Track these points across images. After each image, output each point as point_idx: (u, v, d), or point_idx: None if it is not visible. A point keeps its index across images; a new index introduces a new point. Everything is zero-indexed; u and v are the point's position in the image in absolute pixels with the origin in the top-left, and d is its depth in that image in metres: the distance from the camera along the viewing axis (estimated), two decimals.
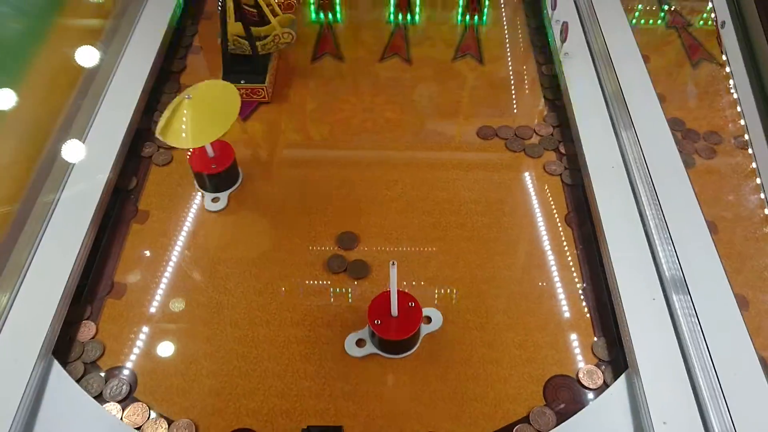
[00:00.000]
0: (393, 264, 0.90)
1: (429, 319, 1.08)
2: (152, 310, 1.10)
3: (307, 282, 1.14)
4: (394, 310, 1.00)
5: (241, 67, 1.40)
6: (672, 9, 1.70)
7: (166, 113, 1.13)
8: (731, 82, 0.87)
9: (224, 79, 1.40)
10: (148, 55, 1.48)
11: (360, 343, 1.05)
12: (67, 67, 1.36)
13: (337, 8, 1.73)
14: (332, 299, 1.12)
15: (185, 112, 1.11)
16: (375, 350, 1.04)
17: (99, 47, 1.45)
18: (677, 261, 1.11)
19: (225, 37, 1.35)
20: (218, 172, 1.23)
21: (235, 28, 1.37)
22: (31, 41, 1.29)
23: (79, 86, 1.38)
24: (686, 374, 0.98)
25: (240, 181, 1.28)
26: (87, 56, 1.37)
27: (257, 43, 1.39)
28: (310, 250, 1.19)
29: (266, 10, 1.35)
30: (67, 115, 1.32)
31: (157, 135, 1.12)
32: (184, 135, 1.11)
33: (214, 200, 1.25)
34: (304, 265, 1.16)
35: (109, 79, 1.41)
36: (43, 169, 1.23)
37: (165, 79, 1.50)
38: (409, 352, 1.04)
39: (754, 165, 0.83)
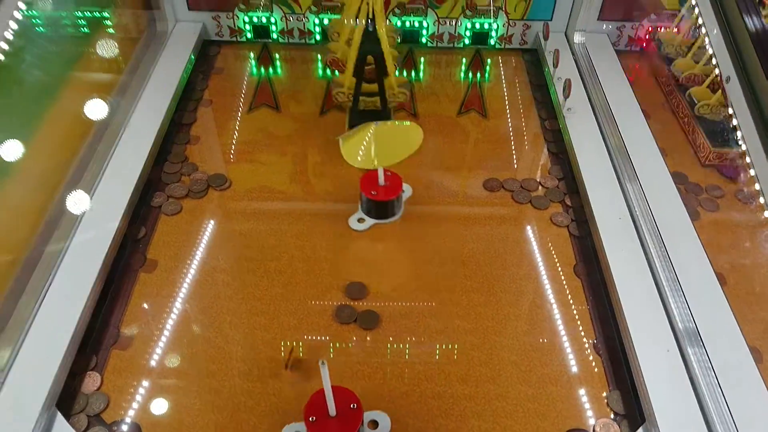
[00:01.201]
0: (323, 363, 0.84)
1: (376, 424, 0.99)
2: (158, 361, 1.08)
3: (315, 333, 1.13)
4: (332, 410, 0.92)
5: (366, 120, 1.42)
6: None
7: (351, 134, 1.24)
8: (738, 133, 0.89)
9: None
10: (160, 107, 1.51)
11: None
12: (82, 118, 1.38)
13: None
14: (343, 351, 1.10)
15: (370, 134, 1.25)
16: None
17: (113, 100, 1.48)
18: (689, 313, 1.11)
19: (358, 93, 1.42)
20: (376, 200, 1.28)
21: (349, 82, 1.43)
22: (47, 93, 1.31)
23: (93, 136, 1.40)
24: (705, 427, 0.96)
25: (396, 216, 1.32)
26: (101, 108, 1.40)
27: (369, 99, 1.44)
28: (318, 301, 1.18)
29: (391, 69, 1.41)
30: (79, 165, 1.33)
31: (343, 154, 1.24)
32: (362, 156, 1.25)
33: (360, 220, 1.31)
34: (312, 316, 1.15)
35: (121, 130, 1.44)
36: (53, 217, 1.23)
37: (176, 131, 1.52)
38: None
39: (767, 214, 0.84)
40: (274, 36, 1.81)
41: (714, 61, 0.96)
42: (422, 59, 1.81)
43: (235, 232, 1.31)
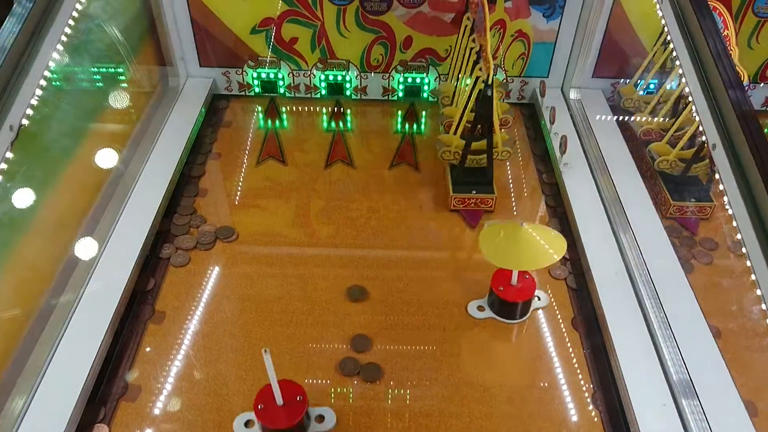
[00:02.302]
0: (266, 352, 0.93)
1: (322, 418, 1.08)
2: (165, 413, 1.10)
3: (319, 384, 1.15)
4: (279, 399, 1.02)
5: (471, 178, 1.51)
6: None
7: (493, 233, 1.21)
8: (725, 198, 0.94)
9: (454, 189, 1.51)
10: (171, 160, 1.57)
11: None
12: (97, 170, 1.43)
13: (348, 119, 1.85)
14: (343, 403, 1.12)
15: (519, 235, 1.18)
16: None
17: (127, 152, 1.54)
18: (684, 366, 1.14)
19: (467, 153, 1.47)
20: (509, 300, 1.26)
21: (457, 142, 1.48)
22: (64, 147, 1.37)
23: (107, 189, 1.45)
24: None
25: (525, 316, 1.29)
26: (115, 161, 1.45)
27: (475, 157, 1.49)
28: (321, 353, 1.21)
29: (497, 127, 1.46)
30: (93, 216, 1.38)
31: (485, 254, 1.20)
32: (500, 253, 1.20)
33: (480, 308, 1.29)
34: (315, 368, 1.18)
35: (134, 183, 1.49)
36: (66, 269, 1.27)
37: (185, 184, 1.58)
38: None
39: (753, 277, 0.88)
40: (281, 90, 1.88)
41: (701, 128, 1.02)
42: (424, 113, 1.87)
43: (240, 281, 1.34)
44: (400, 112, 1.88)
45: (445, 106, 1.69)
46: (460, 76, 1.58)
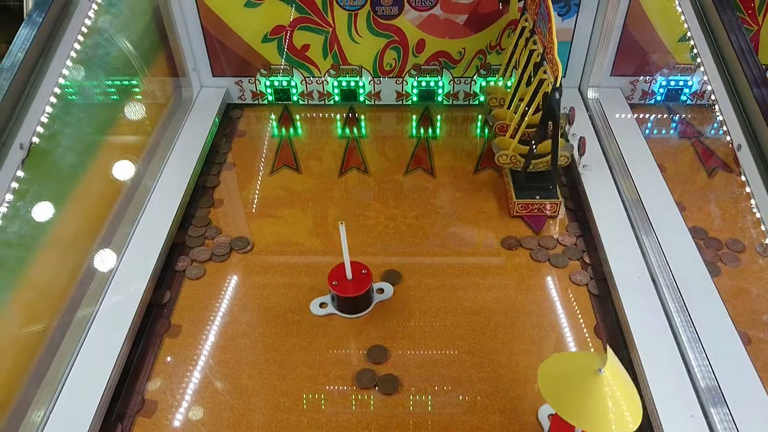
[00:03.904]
0: (341, 224, 1.10)
1: (382, 290, 1.29)
2: (183, 429, 1.10)
3: (336, 397, 1.14)
4: (349, 274, 1.23)
5: (534, 183, 1.48)
6: (683, 119, 1.78)
7: (559, 369, 0.92)
8: (752, 201, 0.90)
9: (517, 195, 1.47)
10: (185, 171, 1.56)
11: None
12: (112, 183, 1.44)
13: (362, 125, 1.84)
14: (361, 414, 1.11)
15: (594, 385, 0.88)
16: None
17: (141, 164, 1.54)
18: (712, 373, 1.10)
19: (530, 157, 1.43)
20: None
21: (514, 146, 1.46)
22: (80, 160, 1.37)
23: (122, 201, 1.45)
24: None
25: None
26: (131, 173, 1.46)
27: (535, 162, 1.46)
28: (338, 364, 1.19)
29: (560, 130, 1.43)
30: (109, 229, 1.38)
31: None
32: (574, 410, 0.88)
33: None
34: (332, 380, 1.16)
35: (149, 195, 1.49)
36: (83, 283, 1.27)
37: (200, 195, 1.57)
38: None
39: None
40: (295, 98, 1.88)
41: (725, 128, 0.98)
42: (438, 117, 1.85)
43: (255, 291, 1.33)
44: (414, 117, 1.85)
45: (494, 107, 1.66)
46: (521, 79, 1.53)
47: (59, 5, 1.11)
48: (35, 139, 1.00)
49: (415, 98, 1.87)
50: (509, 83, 1.66)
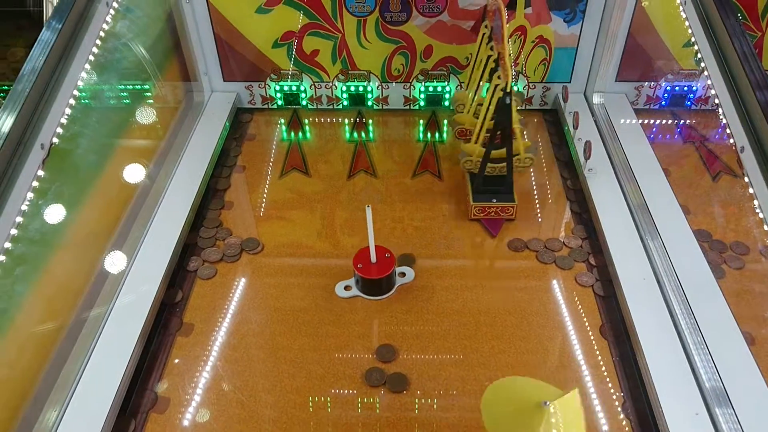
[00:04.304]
0: (368, 207, 1.18)
1: (404, 274, 1.35)
2: (194, 424, 1.12)
3: (345, 395, 1.15)
4: (373, 257, 1.30)
5: (491, 187, 1.51)
6: (687, 124, 1.80)
7: (500, 398, 0.96)
8: (755, 202, 0.92)
9: (474, 199, 1.50)
10: (197, 174, 1.59)
11: None
12: (125, 185, 1.46)
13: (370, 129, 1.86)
14: (370, 413, 1.12)
15: (544, 423, 0.88)
16: None
17: (154, 167, 1.57)
18: (717, 373, 1.11)
19: (486, 161, 1.46)
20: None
21: (478, 151, 1.49)
22: (94, 163, 1.40)
23: (134, 203, 1.48)
24: None
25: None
26: (143, 176, 1.48)
27: (496, 166, 1.49)
28: (347, 363, 1.21)
29: (519, 135, 1.46)
30: (122, 231, 1.41)
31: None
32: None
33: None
34: (341, 378, 1.18)
35: (161, 197, 1.52)
36: (96, 282, 1.30)
37: (211, 197, 1.60)
38: None
39: None
40: (304, 102, 1.90)
41: (728, 131, 1.00)
42: (446, 121, 1.87)
43: (266, 291, 1.36)
44: (421, 121, 1.88)
45: (459, 113, 1.69)
46: (480, 83, 1.58)
47: (78, 11, 1.14)
48: (55, 140, 1.03)
49: (422, 103, 1.90)
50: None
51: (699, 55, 1.17)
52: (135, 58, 1.56)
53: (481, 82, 1.57)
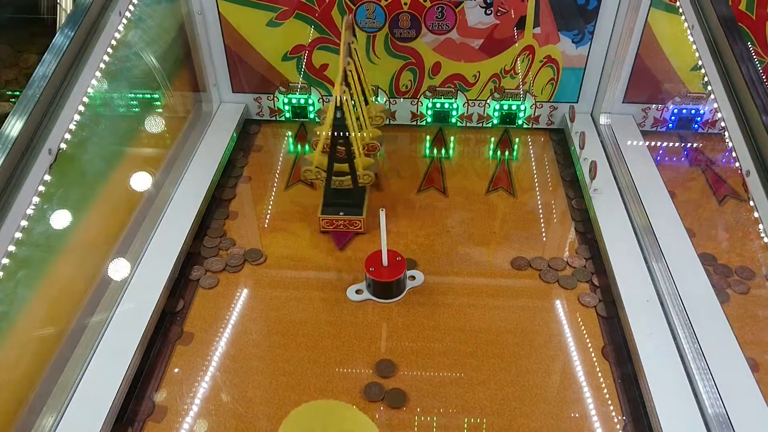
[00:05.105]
0: (382, 210, 1.21)
1: (413, 277, 1.38)
2: None
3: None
4: (385, 261, 1.32)
5: (341, 200, 1.52)
6: (694, 147, 1.80)
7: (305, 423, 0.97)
8: (760, 226, 0.92)
9: (322, 211, 1.51)
10: (203, 183, 1.60)
11: None
12: (131, 193, 1.47)
13: None
14: None
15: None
16: None
17: (160, 176, 1.57)
18: (720, 400, 1.10)
19: (330, 173, 1.47)
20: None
21: (317, 160, 1.50)
22: (101, 170, 1.41)
23: (140, 211, 1.48)
24: None
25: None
26: (149, 184, 1.49)
27: (340, 179, 1.50)
28: (346, 377, 1.20)
29: (357, 150, 1.47)
30: (126, 237, 1.41)
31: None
32: None
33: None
34: (340, 392, 1.17)
35: (166, 205, 1.53)
36: (98, 289, 1.30)
37: (216, 206, 1.60)
38: None
39: None
40: (311, 116, 1.91)
41: (734, 154, 1.00)
42: (452, 138, 1.88)
43: (267, 303, 1.36)
44: (428, 137, 1.89)
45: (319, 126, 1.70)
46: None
47: (91, 19, 1.16)
48: (63, 146, 1.04)
49: (429, 119, 1.90)
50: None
51: (706, 79, 1.17)
52: (145, 67, 1.58)
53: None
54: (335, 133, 1.41)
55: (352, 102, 1.43)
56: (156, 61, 1.60)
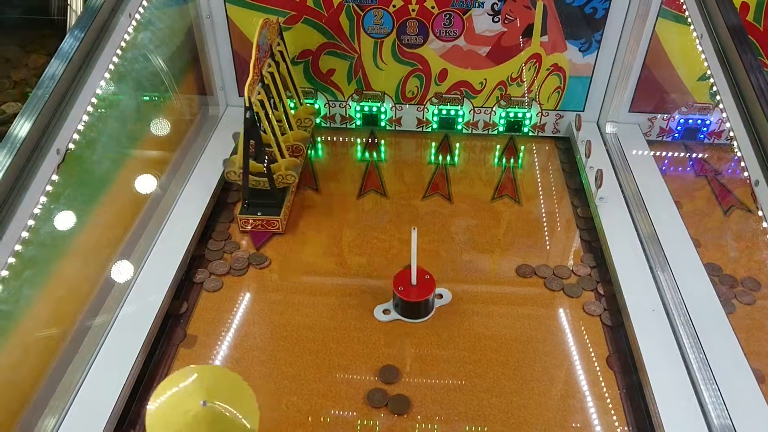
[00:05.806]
0: (414, 229, 1.20)
1: (441, 296, 1.35)
2: None
3: (346, 415, 1.14)
4: (414, 280, 1.28)
5: (260, 200, 1.53)
6: (700, 157, 1.80)
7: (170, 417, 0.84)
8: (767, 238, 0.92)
9: (241, 211, 1.53)
10: (208, 186, 1.60)
11: None
12: (136, 195, 1.47)
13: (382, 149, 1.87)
14: None
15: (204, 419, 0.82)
16: None
17: (165, 178, 1.58)
18: (726, 411, 1.09)
19: (247, 173, 1.47)
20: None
21: (239, 163, 1.50)
22: (107, 172, 1.41)
23: (145, 213, 1.48)
24: None
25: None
26: (155, 186, 1.49)
27: (258, 179, 1.51)
28: (349, 383, 1.20)
29: (278, 152, 1.51)
30: (131, 240, 1.41)
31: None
32: None
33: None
34: (343, 398, 1.17)
35: (172, 207, 1.53)
36: (103, 291, 1.30)
37: (221, 209, 1.60)
38: None
39: None
40: (317, 120, 1.92)
41: (743, 165, 1.00)
42: (458, 145, 1.88)
43: (271, 307, 1.35)
44: (433, 144, 1.89)
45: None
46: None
47: (101, 21, 1.16)
48: (71, 146, 1.04)
49: (435, 125, 1.91)
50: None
51: (714, 89, 1.17)
52: (153, 70, 1.58)
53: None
54: (247, 134, 1.42)
55: (271, 104, 1.45)
56: (164, 63, 1.61)
